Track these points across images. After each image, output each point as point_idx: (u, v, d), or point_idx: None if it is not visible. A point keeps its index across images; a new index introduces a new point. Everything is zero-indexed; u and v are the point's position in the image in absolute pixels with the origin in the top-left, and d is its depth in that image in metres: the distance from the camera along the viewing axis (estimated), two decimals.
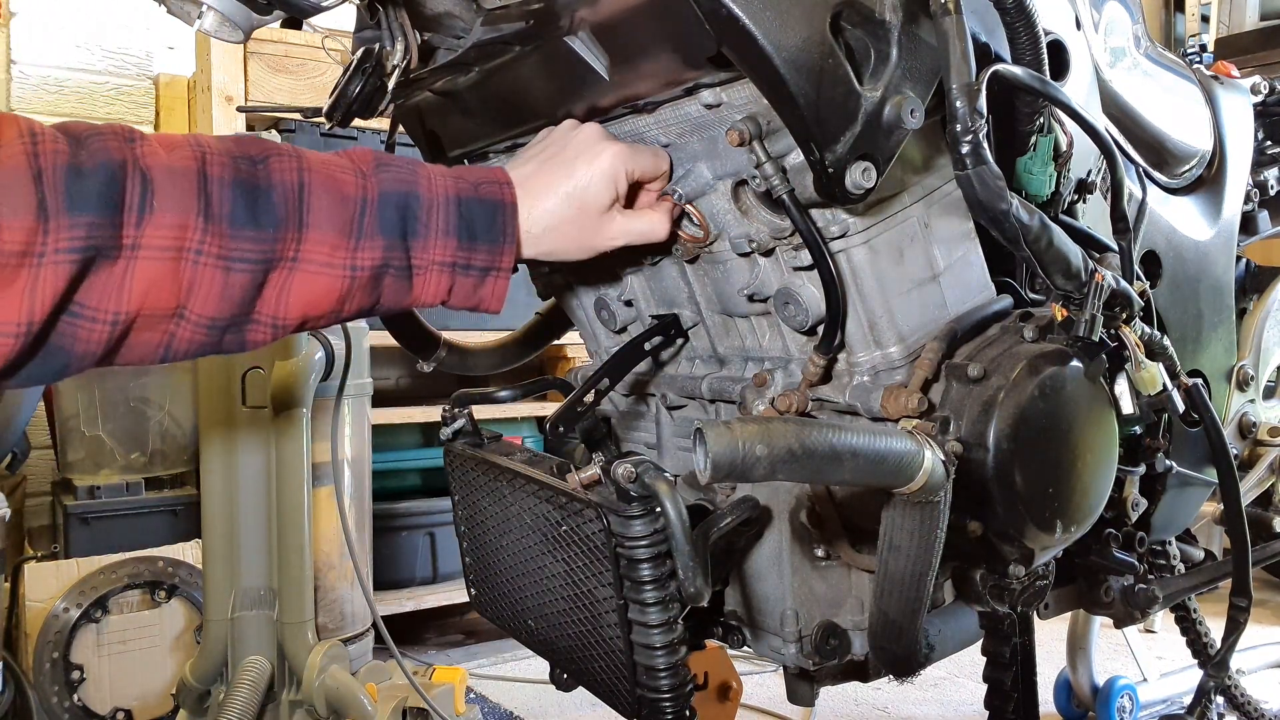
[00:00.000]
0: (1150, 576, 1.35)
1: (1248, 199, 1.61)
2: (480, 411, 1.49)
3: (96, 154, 0.81)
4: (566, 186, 0.99)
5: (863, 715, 2.43)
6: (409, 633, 3.07)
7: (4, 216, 0.76)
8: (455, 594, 3.00)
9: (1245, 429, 1.65)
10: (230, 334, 0.90)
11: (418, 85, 1.16)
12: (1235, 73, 1.68)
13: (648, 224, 1.04)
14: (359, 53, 1.08)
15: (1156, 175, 1.42)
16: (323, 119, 1.16)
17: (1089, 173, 1.21)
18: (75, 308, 0.82)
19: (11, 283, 0.77)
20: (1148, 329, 1.14)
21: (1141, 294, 1.11)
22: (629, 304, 1.28)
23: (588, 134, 1.02)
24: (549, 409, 2.41)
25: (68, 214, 0.78)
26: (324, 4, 0.98)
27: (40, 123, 0.82)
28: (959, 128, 0.92)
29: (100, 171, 0.80)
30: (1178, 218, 1.43)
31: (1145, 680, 2.29)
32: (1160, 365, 1.10)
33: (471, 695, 2.54)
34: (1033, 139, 1.11)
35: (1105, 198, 1.24)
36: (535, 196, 0.99)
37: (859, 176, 0.90)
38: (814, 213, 0.98)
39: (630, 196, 1.05)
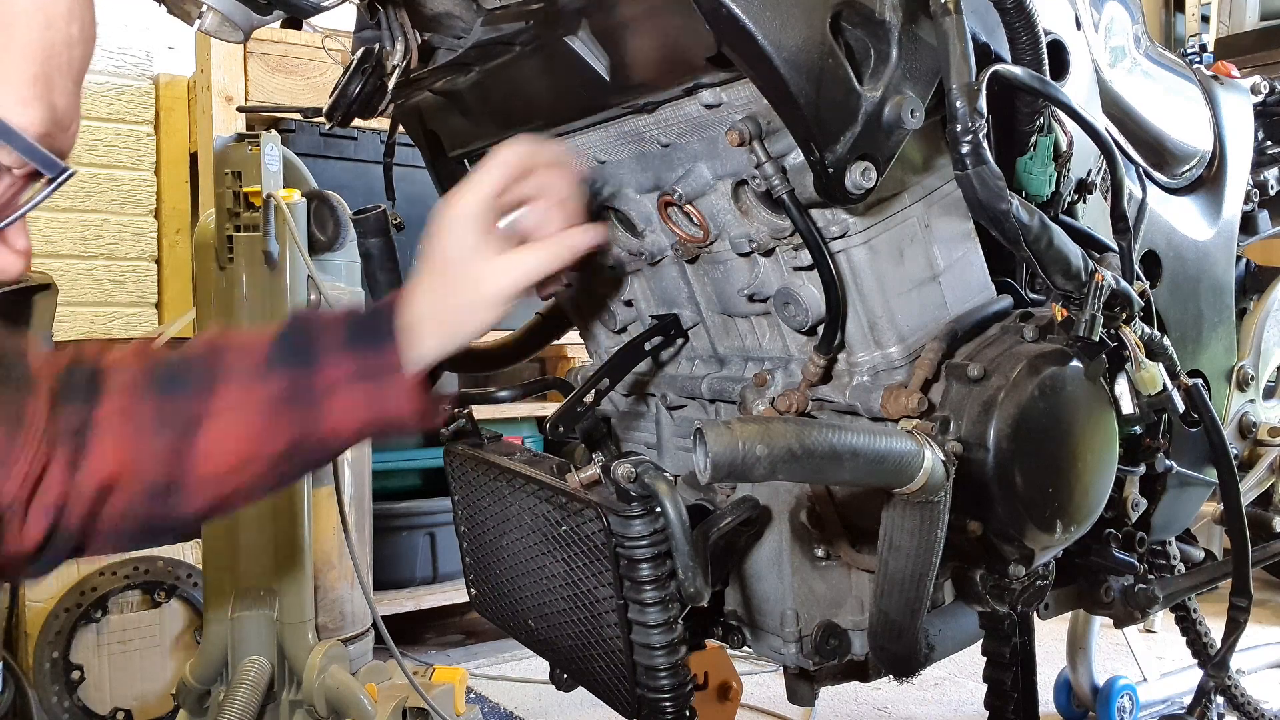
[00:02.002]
0: (1150, 576, 1.35)
1: (1248, 199, 1.61)
2: (480, 411, 1.49)
3: (85, 360, 0.95)
4: (439, 259, 0.95)
5: (863, 715, 2.43)
6: (409, 633, 3.07)
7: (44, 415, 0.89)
8: (455, 594, 3.00)
9: (1245, 429, 1.65)
10: (168, 498, 0.93)
11: (418, 85, 1.16)
12: (1235, 73, 1.67)
13: (534, 261, 0.94)
14: (359, 53, 1.08)
15: (1156, 175, 1.42)
16: (323, 119, 1.16)
17: (1089, 173, 1.21)
18: (71, 487, 0.91)
19: (45, 466, 0.88)
20: (1148, 329, 1.14)
21: (1141, 294, 1.11)
22: (629, 304, 1.28)
23: (446, 204, 0.97)
24: (549, 409, 2.41)
25: (65, 404, 0.91)
26: (324, 4, 0.98)
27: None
28: (959, 128, 0.92)
29: (86, 369, 0.94)
30: (1178, 218, 1.43)
31: (1145, 680, 2.29)
32: (1160, 365, 1.10)
33: (471, 695, 2.54)
34: (1033, 139, 1.11)
35: (1105, 198, 1.24)
36: (411, 291, 0.96)
37: (859, 176, 0.90)
38: (814, 213, 0.98)
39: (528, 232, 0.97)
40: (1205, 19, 4.01)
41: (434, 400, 0.97)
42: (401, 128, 1.36)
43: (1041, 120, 1.11)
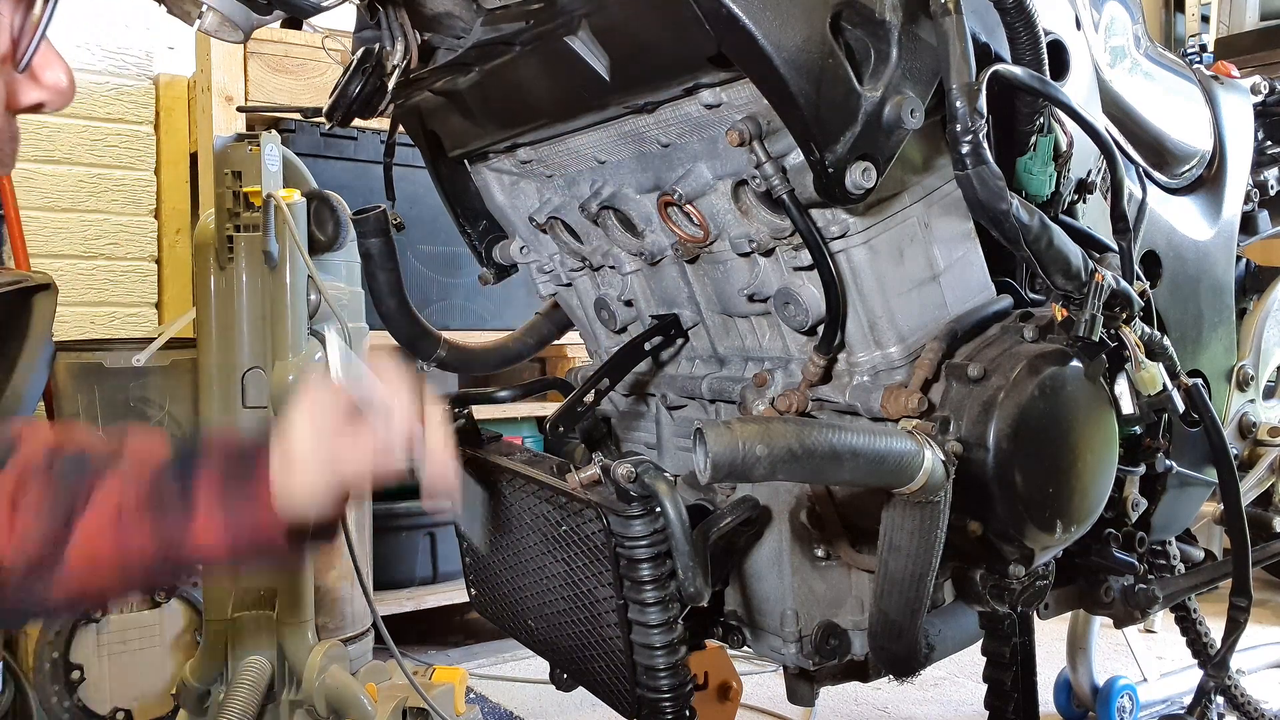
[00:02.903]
0: (1150, 576, 1.35)
1: (1248, 199, 1.61)
2: (480, 411, 1.49)
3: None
4: (284, 442, 0.94)
5: (863, 715, 2.43)
6: (409, 633, 3.06)
7: None
8: (455, 594, 3.00)
9: (1245, 429, 1.65)
10: (40, 583, 0.92)
11: (418, 85, 1.16)
12: (1235, 73, 1.67)
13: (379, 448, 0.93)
14: (359, 53, 1.08)
15: (1156, 175, 1.41)
16: (323, 119, 1.16)
17: (1089, 173, 1.21)
18: None
19: None
20: (1148, 329, 1.14)
21: (1141, 294, 1.11)
22: (629, 304, 1.28)
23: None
24: (549, 409, 2.41)
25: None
26: (324, 4, 0.98)
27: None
28: (959, 128, 0.92)
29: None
30: (1178, 218, 1.43)
31: (1145, 680, 2.29)
32: (1160, 365, 1.10)
33: (471, 695, 2.54)
34: (1033, 139, 1.11)
35: (1105, 198, 1.24)
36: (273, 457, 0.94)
37: (859, 176, 0.90)
38: (814, 213, 0.98)
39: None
40: (1205, 19, 4.01)
41: (302, 536, 0.95)
42: (401, 128, 1.36)
43: (1041, 120, 1.11)
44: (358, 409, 0.92)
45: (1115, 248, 1.16)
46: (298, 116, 2.58)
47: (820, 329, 1.04)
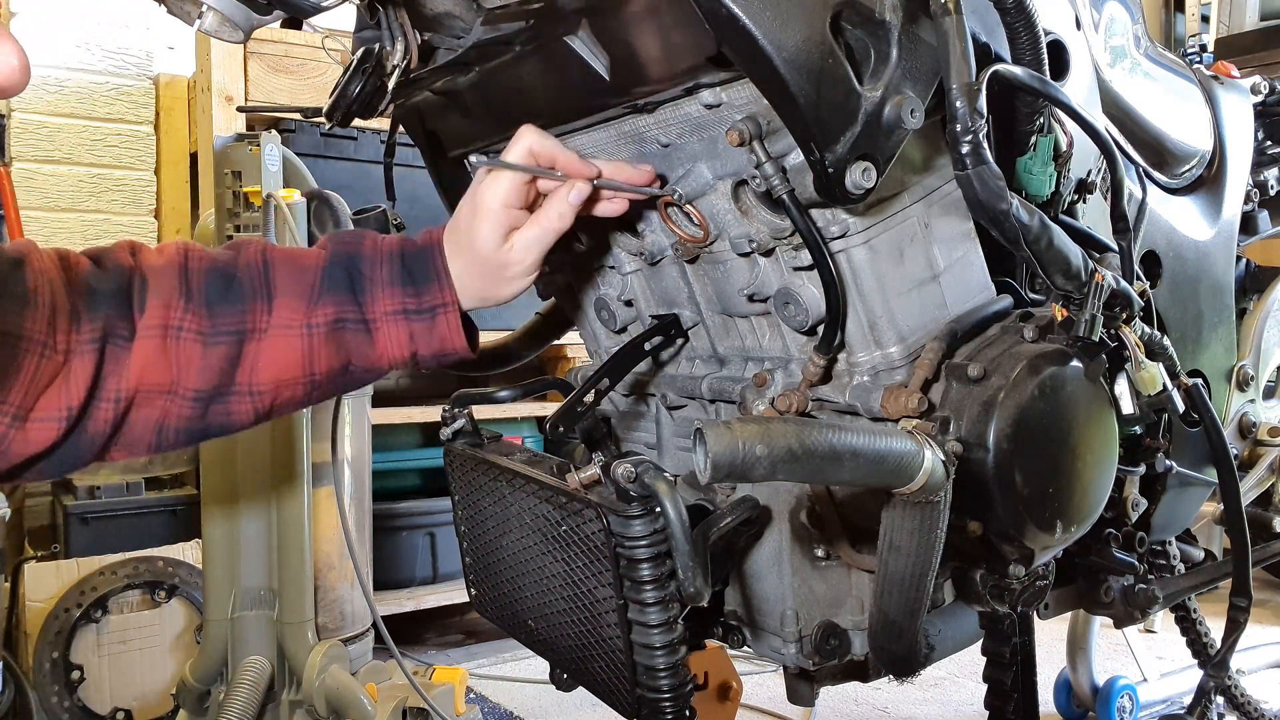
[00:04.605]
0: (1150, 576, 1.35)
1: (1248, 199, 1.61)
2: (480, 411, 1.49)
3: (109, 266, 0.98)
4: (468, 243, 1.03)
5: (863, 715, 2.43)
6: (409, 633, 3.07)
7: (53, 327, 0.92)
8: (455, 594, 3.00)
9: (1245, 429, 1.65)
10: (215, 405, 0.99)
11: (418, 85, 1.16)
12: (1235, 73, 1.67)
13: (539, 230, 1.02)
14: (359, 53, 1.08)
15: (1156, 175, 1.42)
16: (323, 119, 1.16)
17: (1089, 173, 1.21)
18: (96, 391, 0.94)
19: (55, 375, 0.92)
20: (1148, 329, 1.14)
21: (1141, 294, 1.11)
22: (629, 304, 1.28)
23: (480, 184, 1.04)
24: (549, 409, 2.41)
25: (88, 314, 0.94)
26: (324, 4, 0.98)
27: (71, 251, 0.99)
28: (959, 128, 0.92)
29: (112, 278, 0.97)
30: (1178, 218, 1.43)
31: (1145, 680, 2.29)
32: (1160, 365, 1.10)
33: (471, 695, 2.54)
34: (1033, 139, 1.11)
35: (1105, 198, 1.24)
36: (453, 254, 1.04)
37: (859, 176, 0.90)
38: (814, 213, 0.98)
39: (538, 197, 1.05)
40: (1205, 19, 4.01)
41: (475, 333, 1.07)
42: (401, 128, 1.36)
43: (1041, 120, 1.11)
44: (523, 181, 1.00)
45: (1115, 248, 1.16)
46: (298, 116, 2.59)
47: (820, 329, 1.04)
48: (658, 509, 0.94)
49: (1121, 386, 1.10)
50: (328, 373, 1.02)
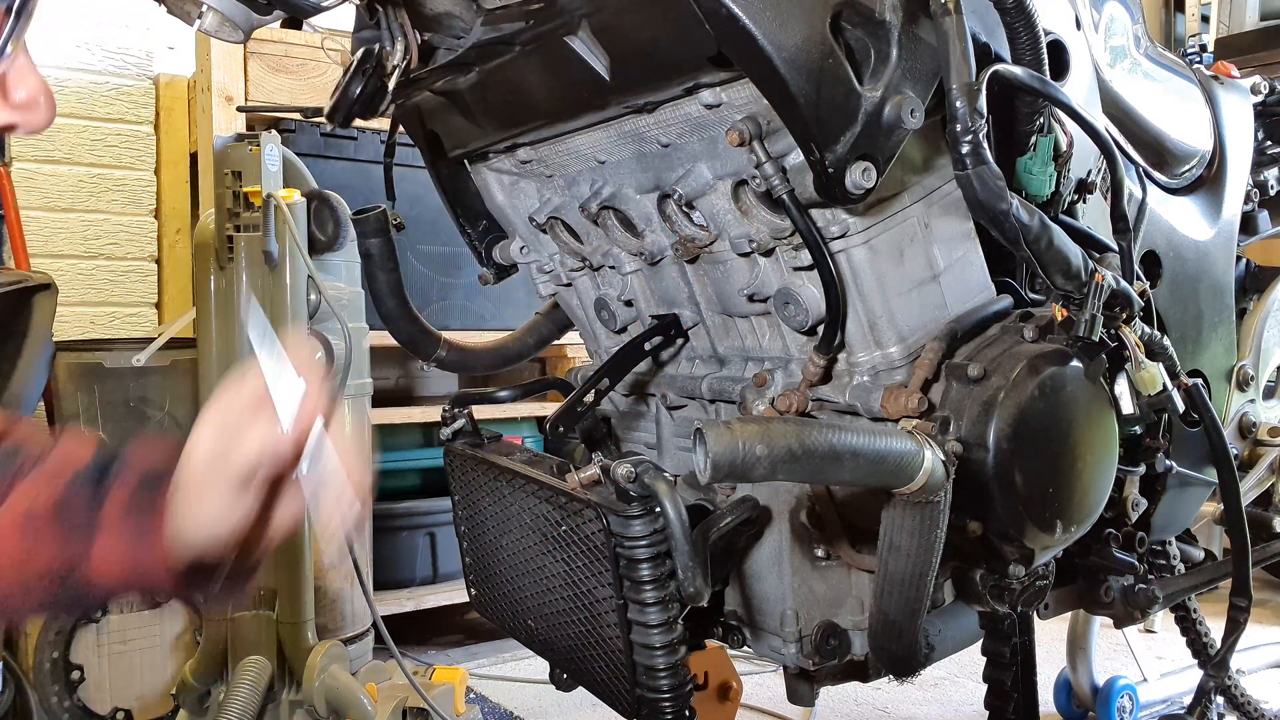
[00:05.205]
0: (1150, 576, 1.35)
1: (1248, 199, 1.61)
2: (480, 411, 1.48)
3: None
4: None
5: (863, 715, 2.43)
6: (409, 633, 3.06)
7: None
8: (455, 594, 3.00)
9: (1245, 429, 1.65)
10: None
11: (418, 85, 1.16)
12: (1235, 73, 1.67)
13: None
14: (359, 53, 1.08)
15: (1156, 175, 1.41)
16: (323, 119, 1.16)
17: (1089, 173, 1.21)
18: None
19: None
20: (1148, 329, 1.14)
21: (1141, 294, 1.11)
22: (629, 304, 1.28)
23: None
24: (549, 409, 2.41)
25: None
26: (324, 4, 0.98)
27: None
28: (959, 128, 0.92)
29: None
30: (1178, 218, 1.43)
31: (1145, 680, 2.29)
32: (1160, 365, 1.10)
33: (471, 695, 2.54)
34: (1033, 139, 1.11)
35: (1105, 198, 1.24)
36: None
37: (859, 176, 0.90)
38: (814, 213, 0.98)
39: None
40: (1205, 19, 4.01)
41: (199, 577, 0.85)
42: (401, 128, 1.36)
43: (1041, 120, 1.11)
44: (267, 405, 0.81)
45: (1115, 248, 1.16)
46: (298, 116, 2.58)
47: (820, 329, 1.04)
48: (657, 509, 0.94)
49: (1121, 386, 1.10)
50: (44, 572, 0.82)
